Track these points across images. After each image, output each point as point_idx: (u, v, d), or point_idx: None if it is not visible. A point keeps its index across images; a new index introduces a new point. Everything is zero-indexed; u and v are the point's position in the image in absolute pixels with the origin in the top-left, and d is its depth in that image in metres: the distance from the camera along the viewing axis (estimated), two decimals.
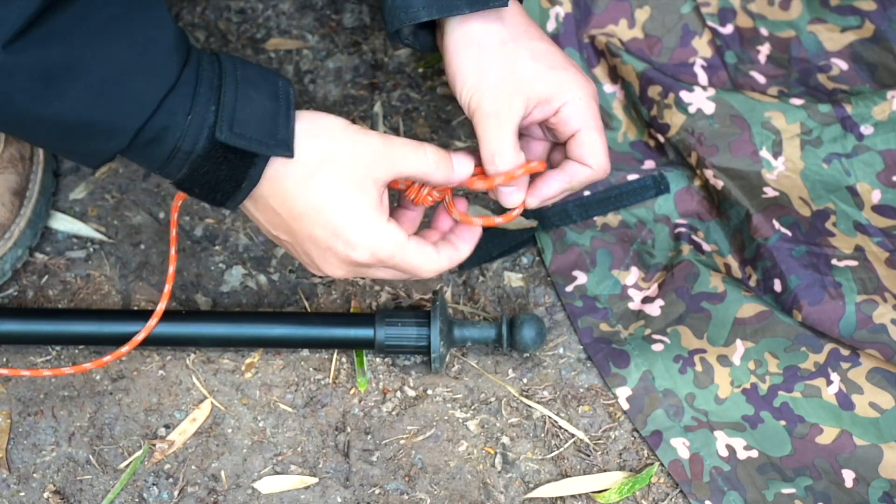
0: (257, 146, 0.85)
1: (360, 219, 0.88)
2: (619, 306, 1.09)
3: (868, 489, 0.99)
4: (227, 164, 0.86)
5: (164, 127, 0.84)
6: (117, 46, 0.82)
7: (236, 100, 0.85)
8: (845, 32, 1.20)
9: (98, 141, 0.84)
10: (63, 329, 1.04)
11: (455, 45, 0.93)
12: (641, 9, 1.18)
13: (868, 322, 1.05)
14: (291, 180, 0.87)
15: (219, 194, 0.88)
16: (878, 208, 1.12)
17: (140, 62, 0.83)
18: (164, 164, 0.86)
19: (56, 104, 0.81)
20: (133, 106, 0.83)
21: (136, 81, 0.83)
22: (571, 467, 1.02)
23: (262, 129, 0.85)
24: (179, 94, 0.84)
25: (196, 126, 0.84)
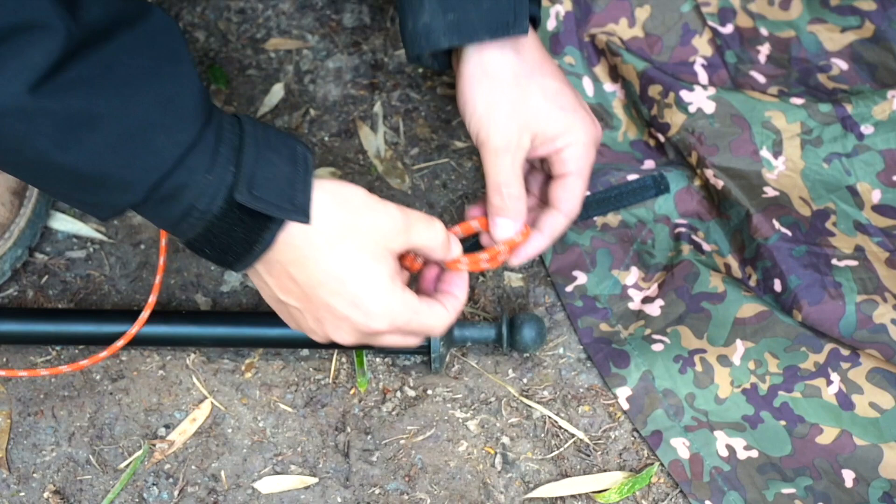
0: (275, 210, 0.84)
1: (379, 289, 0.88)
2: (619, 306, 1.09)
3: (868, 489, 0.99)
4: (242, 227, 0.85)
5: (181, 184, 0.82)
6: (141, 99, 0.81)
7: (256, 162, 0.84)
8: (845, 32, 1.20)
9: (112, 193, 0.83)
10: (63, 329, 1.04)
11: (469, 74, 0.95)
12: (642, 7, 1.18)
13: (868, 322, 1.05)
14: (312, 248, 0.87)
15: (229, 256, 0.87)
16: (878, 208, 1.12)
17: (163, 117, 0.81)
18: (178, 222, 0.84)
19: (74, 152, 0.80)
20: (152, 160, 0.81)
21: (157, 136, 0.81)
22: (571, 467, 1.02)
23: (281, 193, 0.84)
24: (200, 153, 0.83)
25: (214, 186, 0.83)
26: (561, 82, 0.96)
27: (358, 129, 1.19)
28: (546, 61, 0.96)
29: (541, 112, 0.95)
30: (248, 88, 1.21)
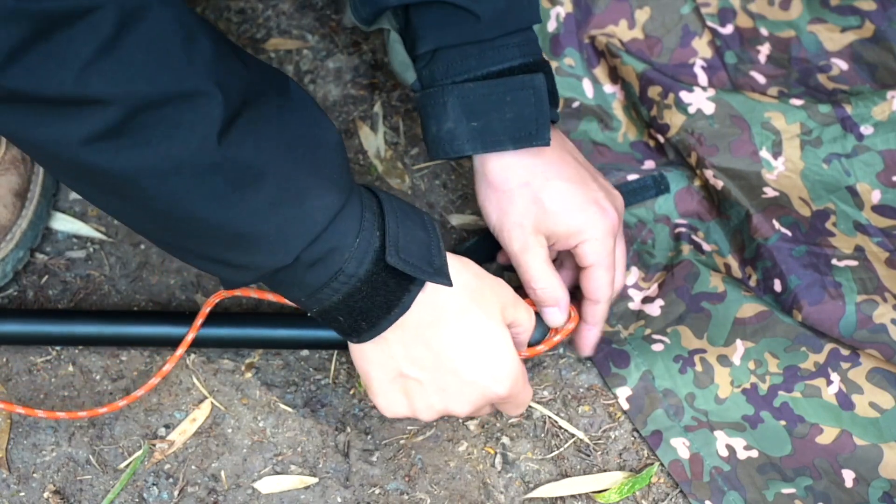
0: (420, 273, 0.86)
1: (507, 354, 0.91)
2: (619, 306, 1.09)
3: (868, 489, 0.99)
4: (385, 290, 0.87)
5: (332, 248, 0.84)
6: (301, 163, 0.83)
7: (398, 227, 0.87)
8: (845, 32, 1.20)
9: (263, 254, 0.84)
10: (63, 330, 1.04)
11: (478, 181, 0.99)
12: (641, 9, 1.18)
13: (868, 322, 1.05)
14: (446, 311, 0.89)
15: (364, 322, 0.88)
16: (877, 208, 1.12)
17: (317, 180, 0.83)
18: (321, 288, 0.86)
19: (234, 210, 0.81)
20: (306, 222, 0.83)
21: (312, 199, 0.83)
22: (571, 467, 1.02)
23: (421, 257, 0.87)
24: (348, 217, 0.85)
25: (363, 249, 0.85)
26: (575, 181, 0.99)
27: (358, 129, 1.19)
28: (563, 160, 0.99)
29: (550, 216, 0.98)
30: None
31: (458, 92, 0.96)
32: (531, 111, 0.96)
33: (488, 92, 0.96)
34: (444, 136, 0.97)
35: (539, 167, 0.98)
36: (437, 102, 0.97)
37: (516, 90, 0.96)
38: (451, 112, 0.96)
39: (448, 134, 0.97)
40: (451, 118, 0.96)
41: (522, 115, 0.96)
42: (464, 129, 0.96)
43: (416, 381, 0.91)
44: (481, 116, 0.96)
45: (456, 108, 0.96)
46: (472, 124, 0.96)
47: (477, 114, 0.96)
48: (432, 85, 0.97)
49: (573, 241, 0.99)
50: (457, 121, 0.96)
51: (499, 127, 0.96)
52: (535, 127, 0.96)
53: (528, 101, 0.96)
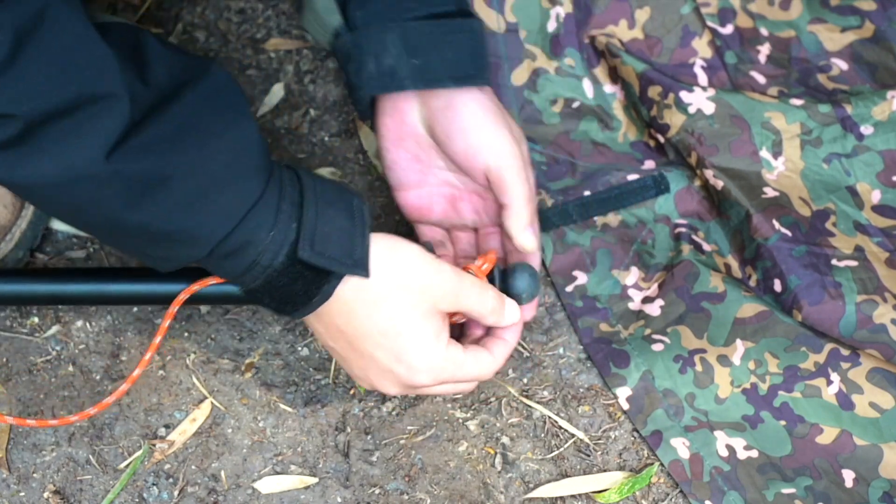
0: (336, 266, 0.87)
1: (424, 347, 0.91)
2: (619, 306, 1.08)
3: (868, 489, 0.99)
4: (303, 281, 0.87)
5: (245, 241, 0.85)
6: (209, 159, 0.83)
7: (317, 218, 0.87)
8: (845, 32, 1.20)
9: (180, 248, 0.86)
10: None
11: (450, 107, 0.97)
12: (641, 9, 1.18)
13: (868, 322, 1.05)
14: (361, 302, 0.89)
15: (288, 306, 0.90)
16: (877, 208, 1.12)
17: (229, 174, 0.84)
18: (240, 275, 0.87)
19: (145, 212, 0.82)
20: (219, 218, 0.84)
21: (224, 193, 0.84)
22: (571, 467, 1.02)
23: (341, 248, 0.87)
24: (263, 210, 0.85)
25: (277, 242, 0.86)
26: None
27: (358, 129, 1.19)
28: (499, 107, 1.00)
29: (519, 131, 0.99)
30: (249, 88, 1.21)
31: (398, 30, 0.96)
32: (469, 53, 0.97)
33: (429, 31, 0.96)
34: (384, 71, 0.96)
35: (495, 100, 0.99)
36: (376, 39, 0.96)
37: (456, 31, 0.97)
38: (392, 48, 0.96)
39: (389, 69, 0.96)
40: (391, 55, 0.96)
41: (461, 55, 0.97)
42: (404, 65, 0.96)
43: (340, 354, 0.94)
44: (422, 54, 0.96)
45: (397, 45, 0.96)
46: (413, 61, 0.96)
47: (418, 51, 0.96)
48: (367, 25, 0.97)
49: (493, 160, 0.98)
50: (397, 57, 0.96)
51: (439, 65, 0.96)
52: (474, 68, 0.97)
53: (467, 43, 0.97)
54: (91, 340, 1.07)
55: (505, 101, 1.16)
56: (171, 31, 1.25)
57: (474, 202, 1.02)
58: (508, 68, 1.17)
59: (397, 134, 1.00)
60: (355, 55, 0.97)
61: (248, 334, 1.08)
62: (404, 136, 1.00)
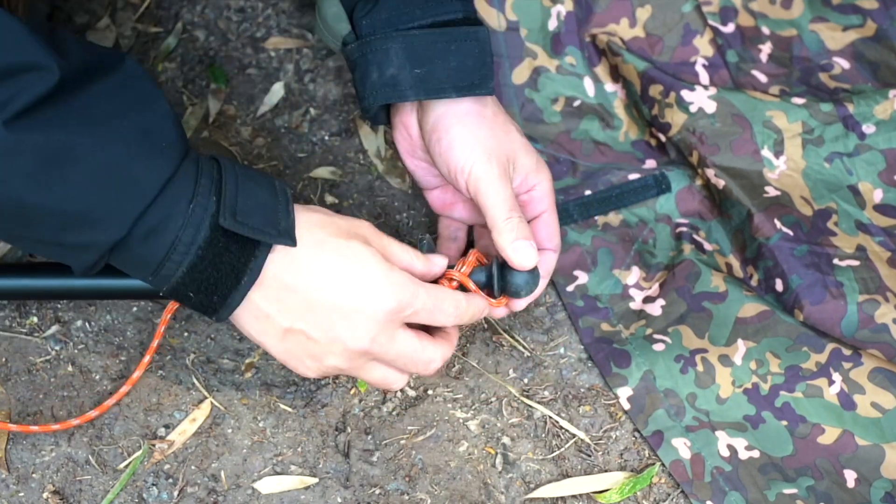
0: (261, 234, 0.85)
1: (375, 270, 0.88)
2: (620, 306, 1.08)
3: (870, 489, 0.99)
4: (229, 256, 0.85)
5: (165, 216, 0.83)
6: (120, 133, 0.82)
7: (237, 190, 0.85)
8: (847, 31, 1.20)
9: (95, 231, 0.83)
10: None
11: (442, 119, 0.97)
12: (643, 7, 1.18)
13: (870, 322, 1.04)
14: (297, 265, 0.87)
15: (216, 295, 0.87)
16: (879, 207, 1.11)
17: (141, 149, 0.82)
18: (161, 262, 0.85)
19: (55, 189, 0.80)
20: (133, 192, 0.82)
21: (137, 168, 0.82)
22: (572, 467, 1.02)
23: (265, 219, 0.86)
24: (180, 182, 0.84)
25: (198, 215, 0.84)
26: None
27: (358, 129, 1.19)
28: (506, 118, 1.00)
29: (518, 146, 0.98)
30: (249, 87, 1.21)
31: (402, 39, 0.96)
32: (474, 61, 0.97)
33: (434, 40, 0.96)
34: (386, 81, 0.97)
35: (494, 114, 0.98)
36: (380, 49, 0.97)
37: (461, 40, 0.97)
38: (395, 58, 0.96)
39: (391, 79, 0.96)
40: (394, 64, 0.96)
41: (466, 64, 0.97)
42: (407, 75, 0.96)
43: (300, 332, 0.89)
44: (425, 64, 0.96)
45: (400, 55, 0.96)
46: (415, 71, 0.96)
47: (421, 61, 0.96)
48: (372, 34, 0.97)
49: (533, 179, 0.98)
50: (400, 67, 0.96)
51: (442, 75, 0.96)
52: (479, 77, 0.97)
53: (472, 52, 0.97)
54: (90, 340, 1.07)
55: (506, 100, 1.16)
56: (170, 30, 1.24)
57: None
58: (509, 67, 1.17)
59: (408, 147, 1.02)
60: (360, 64, 0.98)
61: None
62: (414, 147, 1.02)
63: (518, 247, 0.94)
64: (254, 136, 1.19)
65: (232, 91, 1.21)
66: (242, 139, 1.18)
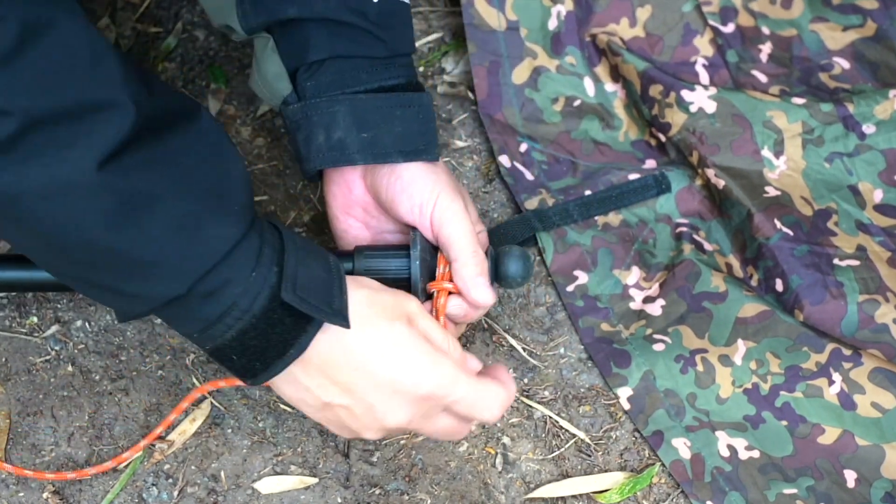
0: (318, 312, 0.84)
1: (419, 352, 0.87)
2: (620, 306, 1.08)
3: (870, 490, 0.99)
4: (281, 328, 0.84)
5: (226, 279, 0.82)
6: (199, 187, 0.81)
7: (297, 265, 0.84)
8: (847, 31, 1.20)
9: (157, 282, 0.81)
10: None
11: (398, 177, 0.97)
12: (643, 7, 1.18)
13: (870, 322, 1.04)
14: (342, 345, 0.86)
15: (259, 362, 0.86)
16: (880, 207, 1.11)
17: (216, 208, 0.81)
18: (214, 323, 0.83)
19: (129, 233, 0.79)
20: (202, 250, 0.81)
21: (210, 227, 0.81)
22: (572, 467, 1.02)
23: (320, 296, 0.85)
24: (246, 249, 0.82)
25: (258, 284, 0.82)
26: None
27: None
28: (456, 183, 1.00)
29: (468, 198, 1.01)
30: (248, 88, 1.21)
31: (349, 102, 0.96)
32: (419, 126, 0.97)
33: (379, 105, 0.96)
34: (333, 144, 0.96)
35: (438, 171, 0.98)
36: (326, 111, 0.96)
37: (405, 106, 0.97)
38: (342, 121, 0.96)
39: (339, 143, 0.96)
40: (341, 127, 0.96)
41: (411, 129, 0.97)
42: (354, 139, 0.96)
43: (340, 407, 0.89)
44: (372, 128, 0.96)
45: (347, 118, 0.96)
46: (362, 135, 0.96)
47: (368, 125, 0.96)
48: (317, 96, 0.97)
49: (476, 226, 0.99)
50: (347, 131, 0.96)
51: (388, 140, 0.96)
52: (423, 142, 0.97)
53: (416, 118, 0.97)
54: (90, 340, 1.07)
55: (505, 100, 1.16)
56: (170, 30, 1.24)
57: None
58: (509, 67, 1.17)
59: (345, 202, 1.00)
60: (304, 126, 0.98)
61: None
62: (352, 203, 1.00)
63: (479, 282, 0.95)
64: (254, 137, 1.19)
65: (232, 91, 1.21)
66: (242, 139, 1.19)
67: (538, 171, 1.14)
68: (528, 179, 1.14)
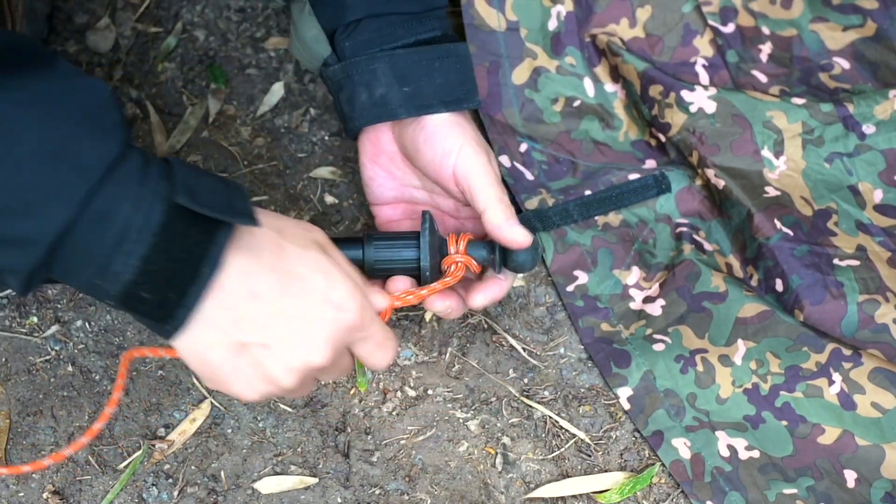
0: (221, 212, 0.79)
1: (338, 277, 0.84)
2: (620, 306, 1.08)
3: (870, 489, 0.99)
4: (185, 241, 0.78)
5: (113, 196, 0.76)
6: (64, 112, 0.76)
7: (188, 176, 0.79)
8: (847, 31, 1.20)
9: (39, 216, 0.75)
10: None
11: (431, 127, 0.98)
12: (643, 8, 1.18)
13: (870, 322, 1.04)
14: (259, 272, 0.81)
15: (172, 292, 0.79)
16: (879, 208, 1.11)
17: (88, 128, 0.76)
18: (111, 254, 0.77)
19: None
20: (79, 172, 0.75)
21: (84, 147, 0.76)
22: (572, 467, 1.02)
23: (221, 201, 0.79)
24: (129, 164, 0.77)
25: (149, 196, 0.77)
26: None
27: None
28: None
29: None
30: (248, 87, 1.21)
31: (388, 59, 0.98)
32: (458, 76, 0.99)
33: (418, 58, 0.98)
34: (376, 101, 0.98)
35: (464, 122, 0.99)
36: (367, 69, 0.98)
37: (443, 57, 0.99)
38: (383, 78, 0.98)
39: (381, 99, 0.98)
40: (382, 84, 0.98)
41: (450, 80, 0.99)
42: (396, 94, 0.98)
43: (260, 345, 0.82)
44: (412, 82, 0.98)
45: (387, 74, 0.98)
46: (403, 89, 0.98)
47: (408, 79, 0.98)
48: (356, 55, 0.99)
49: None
50: (389, 86, 0.98)
51: (429, 91, 0.98)
52: (463, 91, 0.99)
53: (455, 68, 0.99)
54: (90, 340, 1.07)
55: (505, 100, 1.16)
56: (170, 30, 1.24)
57: (447, 223, 1.03)
58: (509, 67, 1.17)
59: (372, 152, 1.02)
60: (346, 85, 0.99)
61: None
62: (379, 153, 1.02)
63: (512, 224, 0.95)
64: (254, 136, 1.19)
65: (232, 91, 1.21)
66: (242, 139, 1.19)
67: (538, 172, 1.14)
68: (528, 179, 1.14)
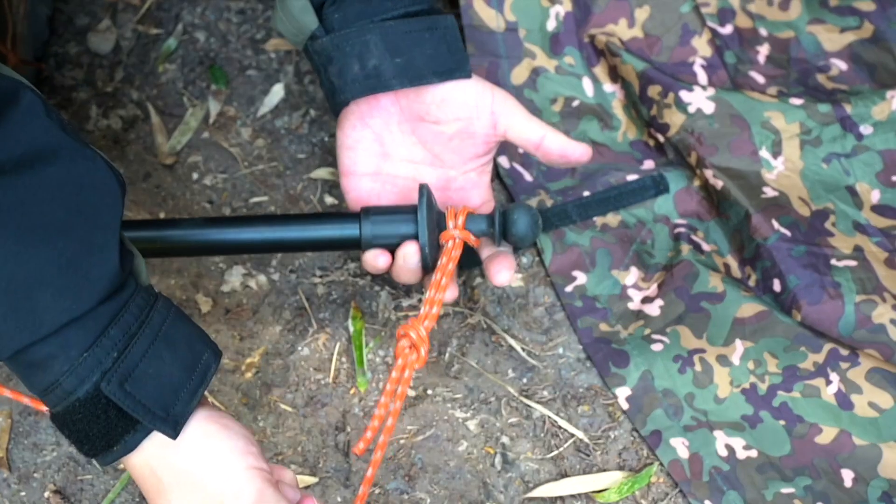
0: (142, 413, 0.78)
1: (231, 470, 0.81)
2: (618, 306, 1.09)
3: (867, 489, 0.99)
4: (105, 422, 0.78)
5: (51, 354, 0.76)
6: (39, 253, 0.74)
7: (144, 355, 0.78)
8: (844, 33, 1.20)
9: None
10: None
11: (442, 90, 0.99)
12: (641, 8, 1.18)
13: (867, 322, 1.05)
14: (165, 469, 0.80)
15: (86, 447, 0.80)
16: (877, 208, 1.12)
17: (57, 278, 0.74)
18: (42, 393, 0.78)
19: None
20: (29, 321, 0.75)
21: (45, 297, 0.74)
22: (571, 467, 1.02)
23: (158, 396, 0.78)
24: (84, 328, 0.76)
25: (87, 368, 0.76)
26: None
27: None
28: None
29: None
30: (248, 89, 1.21)
31: (379, 30, 0.98)
32: (448, 47, 0.99)
33: (409, 29, 0.98)
34: (370, 73, 0.98)
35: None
36: (357, 41, 0.98)
37: (432, 28, 0.99)
38: (375, 49, 0.98)
39: (374, 71, 0.98)
40: (374, 55, 0.98)
41: (440, 50, 0.98)
42: (388, 65, 0.98)
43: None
44: (404, 53, 0.98)
45: (379, 45, 0.98)
46: (395, 60, 0.98)
47: (399, 50, 0.98)
48: (345, 27, 0.98)
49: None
50: (381, 58, 0.98)
51: (421, 61, 0.98)
52: (455, 62, 0.99)
53: (443, 39, 0.99)
54: None
55: None
56: (171, 31, 1.25)
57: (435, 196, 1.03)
58: (508, 67, 1.17)
59: (367, 113, 1.01)
60: (337, 58, 0.98)
61: (249, 334, 1.08)
62: (372, 115, 1.01)
63: (571, 142, 1.00)
64: (254, 138, 1.19)
65: (232, 92, 1.21)
66: (243, 140, 1.19)
67: (537, 172, 1.14)
68: (526, 180, 1.14)
